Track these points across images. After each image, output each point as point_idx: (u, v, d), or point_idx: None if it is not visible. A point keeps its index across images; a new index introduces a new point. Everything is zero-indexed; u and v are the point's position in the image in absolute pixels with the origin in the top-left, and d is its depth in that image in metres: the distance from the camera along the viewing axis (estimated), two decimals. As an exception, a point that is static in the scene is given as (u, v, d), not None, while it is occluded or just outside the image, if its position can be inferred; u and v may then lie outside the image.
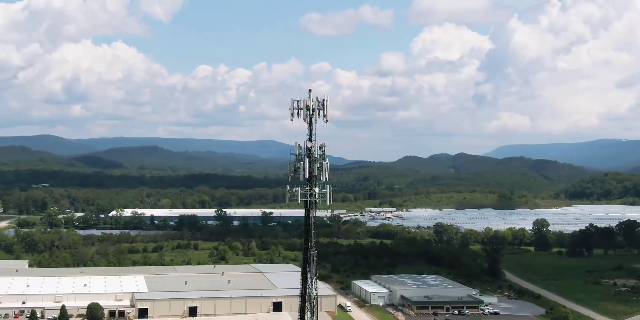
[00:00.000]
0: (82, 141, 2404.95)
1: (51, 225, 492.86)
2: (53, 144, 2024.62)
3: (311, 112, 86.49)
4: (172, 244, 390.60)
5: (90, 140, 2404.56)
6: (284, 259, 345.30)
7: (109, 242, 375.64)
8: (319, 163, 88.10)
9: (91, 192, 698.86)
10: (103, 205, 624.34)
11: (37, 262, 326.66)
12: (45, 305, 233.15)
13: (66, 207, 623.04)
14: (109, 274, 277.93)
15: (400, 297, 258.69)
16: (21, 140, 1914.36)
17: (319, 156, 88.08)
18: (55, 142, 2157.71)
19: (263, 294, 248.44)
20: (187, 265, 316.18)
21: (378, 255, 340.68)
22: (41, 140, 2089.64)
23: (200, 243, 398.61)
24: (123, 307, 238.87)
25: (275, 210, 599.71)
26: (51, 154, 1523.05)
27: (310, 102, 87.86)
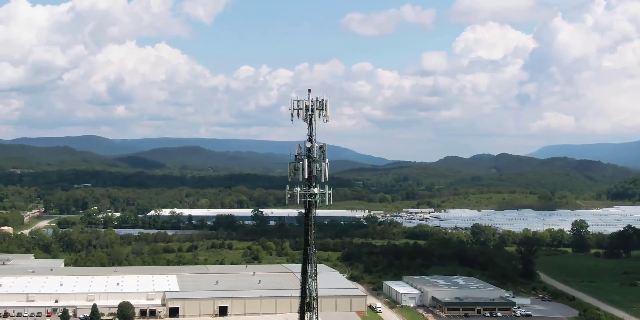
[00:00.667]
0: (125, 142, 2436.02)
1: (90, 224, 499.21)
2: (97, 145, 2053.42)
3: (310, 113, 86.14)
4: (206, 243, 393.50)
5: (134, 141, 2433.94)
6: (317, 259, 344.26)
7: (144, 242, 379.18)
8: (319, 163, 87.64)
9: (132, 192, 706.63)
10: (143, 205, 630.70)
11: (74, 261, 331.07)
12: (77, 304, 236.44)
13: (106, 206, 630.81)
14: (142, 273, 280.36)
15: (431, 299, 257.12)
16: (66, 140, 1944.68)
17: (318, 156, 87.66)
18: (100, 142, 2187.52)
19: (293, 294, 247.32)
20: (220, 265, 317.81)
21: (411, 256, 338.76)
22: (85, 140, 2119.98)
23: (234, 243, 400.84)
24: (154, 306, 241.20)
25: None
26: (95, 154, 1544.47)
27: (310, 103, 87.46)
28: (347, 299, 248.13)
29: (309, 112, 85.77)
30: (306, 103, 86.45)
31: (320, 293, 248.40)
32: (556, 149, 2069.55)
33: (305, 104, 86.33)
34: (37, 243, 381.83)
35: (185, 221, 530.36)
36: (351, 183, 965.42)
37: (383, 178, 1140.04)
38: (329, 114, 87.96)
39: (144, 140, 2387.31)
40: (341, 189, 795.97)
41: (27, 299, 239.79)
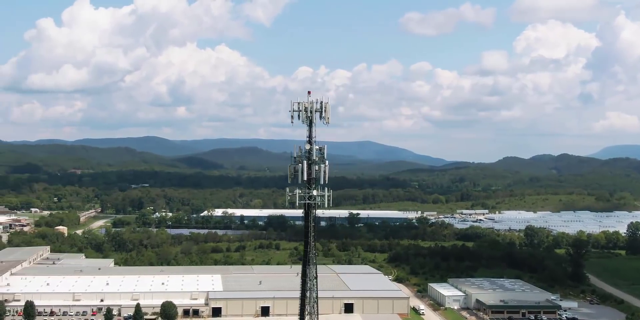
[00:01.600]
0: (185, 142, 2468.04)
1: (144, 224, 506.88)
2: (157, 145, 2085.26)
3: (309, 115, 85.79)
4: (255, 243, 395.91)
5: (194, 142, 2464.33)
6: (363, 260, 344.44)
7: (193, 242, 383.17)
8: (318, 165, 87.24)
9: (187, 192, 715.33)
10: (197, 205, 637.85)
11: (124, 261, 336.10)
12: (122, 303, 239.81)
13: (162, 207, 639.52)
14: (187, 273, 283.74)
15: (475, 301, 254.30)
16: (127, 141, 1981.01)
17: (317, 158, 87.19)
18: (160, 143, 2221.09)
19: (334, 295, 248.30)
20: (265, 265, 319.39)
21: (459, 258, 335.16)
22: (146, 141, 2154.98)
23: (282, 243, 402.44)
24: (197, 306, 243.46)
25: (363, 211, 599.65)
26: (155, 155, 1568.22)
27: (309, 105, 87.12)
28: (389, 301, 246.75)
29: (307, 114, 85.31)
30: (305, 105, 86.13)
31: (362, 295, 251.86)
32: (619, 150, 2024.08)
33: (305, 106, 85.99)
34: (90, 243, 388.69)
35: (237, 221, 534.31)
36: (406, 184, 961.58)
37: (439, 179, 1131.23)
38: (329, 116, 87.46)
39: (203, 141, 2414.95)
40: (394, 190, 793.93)
41: (73, 298, 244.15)
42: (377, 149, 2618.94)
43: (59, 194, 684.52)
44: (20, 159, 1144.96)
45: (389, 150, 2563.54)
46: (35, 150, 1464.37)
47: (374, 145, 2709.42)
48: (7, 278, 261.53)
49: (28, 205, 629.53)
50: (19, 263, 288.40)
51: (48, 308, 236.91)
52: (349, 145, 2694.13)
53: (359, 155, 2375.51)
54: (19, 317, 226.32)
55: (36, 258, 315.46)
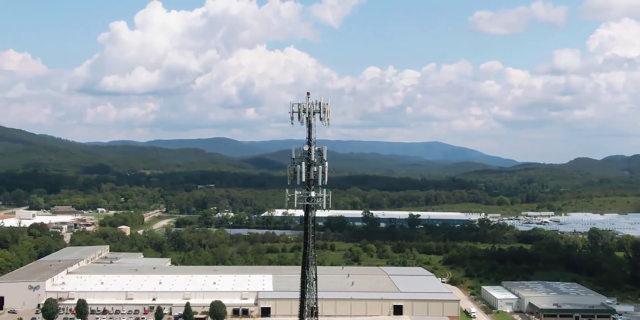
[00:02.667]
0: (254, 143, 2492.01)
1: (206, 224, 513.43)
2: (226, 146, 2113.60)
3: (307, 115, 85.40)
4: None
5: (262, 143, 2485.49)
6: (418, 262, 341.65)
7: (249, 242, 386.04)
8: (316, 167, 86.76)
9: (250, 192, 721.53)
10: (259, 205, 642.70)
11: (181, 260, 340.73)
12: (173, 302, 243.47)
13: (224, 207, 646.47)
14: (240, 272, 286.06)
15: (528, 305, 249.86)
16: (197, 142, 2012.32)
17: (316, 160, 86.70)
18: (229, 144, 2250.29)
19: (384, 297, 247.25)
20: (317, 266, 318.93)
21: (516, 261, 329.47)
22: (216, 142, 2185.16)
23: (338, 244, 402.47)
24: (247, 306, 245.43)
25: (424, 212, 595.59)
26: (223, 156, 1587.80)
27: (307, 106, 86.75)
28: (439, 304, 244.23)
29: (305, 115, 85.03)
30: (304, 106, 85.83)
31: (412, 297, 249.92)
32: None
33: (303, 107, 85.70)
34: (150, 242, 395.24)
35: (297, 222, 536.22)
36: (472, 185, 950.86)
37: (507, 180, 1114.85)
38: (329, 117, 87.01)
39: (271, 142, 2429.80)
40: (458, 191, 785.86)
41: (126, 297, 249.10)
42: (445, 150, 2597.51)
43: (126, 194, 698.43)
44: (91, 159, 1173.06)
45: (457, 151, 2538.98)
46: (107, 151, 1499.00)
47: (442, 146, 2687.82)
48: (63, 277, 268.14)
49: (95, 205, 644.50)
50: (76, 262, 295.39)
51: (101, 306, 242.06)
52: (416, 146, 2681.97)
53: (426, 156, 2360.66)
54: (72, 315, 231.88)
55: (94, 257, 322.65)
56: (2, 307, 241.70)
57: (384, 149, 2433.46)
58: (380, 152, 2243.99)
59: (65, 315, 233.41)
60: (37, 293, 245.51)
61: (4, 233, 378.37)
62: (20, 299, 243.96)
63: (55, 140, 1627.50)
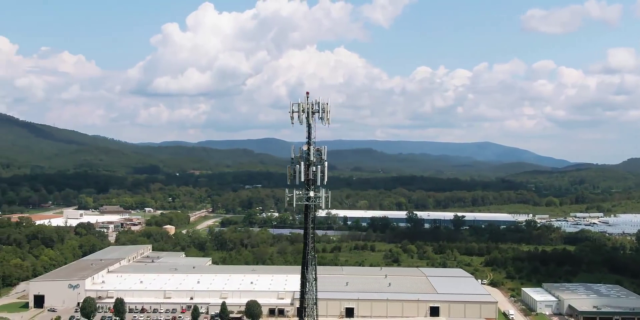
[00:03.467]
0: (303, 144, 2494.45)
1: (251, 224, 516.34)
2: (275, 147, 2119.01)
3: (306, 115, 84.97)
4: (350, 244, 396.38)
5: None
6: (459, 263, 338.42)
7: (289, 242, 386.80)
8: (315, 166, 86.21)
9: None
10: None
11: (222, 260, 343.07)
12: (210, 302, 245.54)
13: (270, 207, 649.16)
14: (278, 272, 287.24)
15: (568, 307, 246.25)
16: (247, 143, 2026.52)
17: (315, 160, 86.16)
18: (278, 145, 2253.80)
19: (420, 298, 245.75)
20: (355, 267, 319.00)
21: (559, 262, 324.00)
22: (265, 143, 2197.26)
23: (378, 245, 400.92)
24: (283, 306, 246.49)
25: (470, 213, 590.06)
26: (272, 156, 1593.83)
27: (306, 106, 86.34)
28: (477, 305, 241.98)
29: (304, 115, 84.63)
30: (303, 106, 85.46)
31: (449, 298, 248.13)
32: None
33: (303, 107, 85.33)
34: (193, 242, 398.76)
35: (340, 222, 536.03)
36: (522, 186, 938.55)
37: (558, 181, 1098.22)
38: (329, 117, 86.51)
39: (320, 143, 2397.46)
40: (505, 192, 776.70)
41: (164, 296, 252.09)
42: (497, 151, 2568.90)
43: (173, 194, 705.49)
44: (142, 160, 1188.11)
45: (509, 151, 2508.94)
46: (158, 152, 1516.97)
47: (493, 147, 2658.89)
48: (104, 276, 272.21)
49: (143, 205, 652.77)
50: (118, 261, 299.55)
51: (139, 305, 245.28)
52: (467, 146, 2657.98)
53: (477, 156, 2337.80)
54: (111, 313, 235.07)
55: (136, 256, 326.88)
56: (43, 305, 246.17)
57: (434, 149, 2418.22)
58: (430, 153, 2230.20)
59: (103, 314, 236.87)
60: (77, 292, 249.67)
61: (50, 232, 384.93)
62: (61, 297, 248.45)
63: (108, 141, 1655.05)
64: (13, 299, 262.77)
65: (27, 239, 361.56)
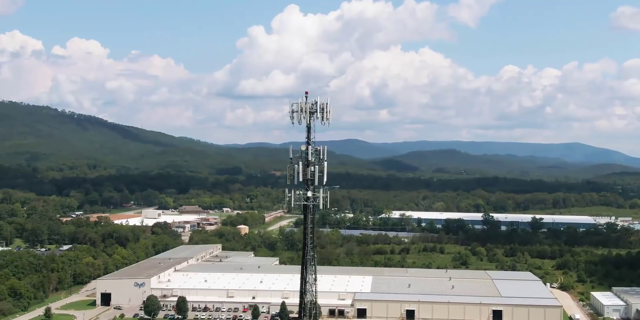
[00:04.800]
0: (386, 145, 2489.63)
1: (324, 225, 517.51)
2: (358, 148, 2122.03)
3: (304, 115, 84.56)
4: (419, 246, 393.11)
5: (394, 144, 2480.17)
6: (529, 266, 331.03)
7: (356, 243, 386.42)
8: (313, 167, 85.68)
9: (371, 194, 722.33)
10: (379, 207, 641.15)
11: (290, 260, 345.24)
12: (272, 301, 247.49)
13: (345, 208, 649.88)
14: (341, 273, 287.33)
15: (635, 311, 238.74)
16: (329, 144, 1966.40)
17: (313, 160, 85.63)
18: (360, 146, 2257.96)
19: (483, 301, 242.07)
20: (419, 269, 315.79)
21: (632, 266, 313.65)
22: (347, 144, 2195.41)
23: (448, 247, 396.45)
24: (343, 306, 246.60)
25: (550, 216, 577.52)
26: (353, 157, 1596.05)
27: (305, 106, 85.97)
28: (541, 309, 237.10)
29: (302, 115, 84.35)
30: (302, 106, 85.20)
31: (513, 302, 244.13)
32: None
33: (301, 107, 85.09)
34: (264, 241, 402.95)
35: (414, 224, 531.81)
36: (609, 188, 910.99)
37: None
38: (329, 117, 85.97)
39: (403, 144, 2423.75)
40: (587, 194, 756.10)
41: (227, 295, 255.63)
42: (587, 151, 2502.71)
43: (251, 195, 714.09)
44: (224, 161, 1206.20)
45: (599, 152, 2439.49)
46: (242, 153, 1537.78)
47: (583, 147, 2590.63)
48: (170, 274, 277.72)
49: (221, 205, 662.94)
50: (186, 260, 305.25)
51: (203, 303, 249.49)
52: (555, 147, 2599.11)
53: (566, 157, 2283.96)
54: (174, 311, 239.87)
55: (205, 255, 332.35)
56: (110, 303, 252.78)
57: (520, 150, 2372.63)
58: (517, 154, 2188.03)
59: (167, 312, 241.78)
60: (143, 290, 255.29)
61: (126, 232, 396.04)
62: (127, 295, 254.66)
63: (194, 142, 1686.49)
64: (82, 296, 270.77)
65: (102, 238, 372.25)
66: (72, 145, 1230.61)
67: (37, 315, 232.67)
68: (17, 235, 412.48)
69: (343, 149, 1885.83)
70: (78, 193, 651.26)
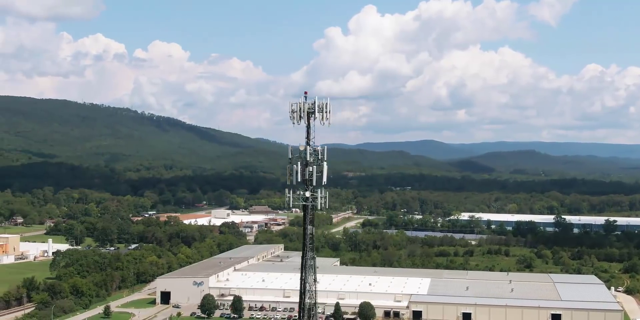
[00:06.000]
0: (463, 146, 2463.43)
1: (391, 226, 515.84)
2: (434, 149, 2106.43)
3: (302, 115, 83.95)
4: (484, 248, 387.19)
5: (472, 145, 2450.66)
6: (595, 269, 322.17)
7: (419, 244, 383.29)
8: (311, 167, 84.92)
9: (442, 195, 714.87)
10: (449, 208, 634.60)
11: (352, 261, 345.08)
12: (327, 302, 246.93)
13: (415, 209, 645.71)
14: (399, 275, 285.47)
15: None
16: (405, 145, 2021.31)
17: (312, 160, 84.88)
18: (436, 147, 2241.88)
19: (541, 305, 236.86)
20: (480, 271, 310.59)
21: None
22: (423, 145, 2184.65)
23: (514, 249, 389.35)
24: (398, 308, 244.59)
25: (626, 218, 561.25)
26: (428, 158, 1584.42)
27: (304, 106, 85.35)
28: (601, 313, 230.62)
29: (300, 115, 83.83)
30: (300, 106, 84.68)
31: (572, 305, 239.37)
32: None
33: (300, 106, 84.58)
34: (328, 242, 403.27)
35: (484, 226, 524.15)
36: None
37: None
38: (328, 117, 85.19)
39: (481, 145, 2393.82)
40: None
41: (284, 295, 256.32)
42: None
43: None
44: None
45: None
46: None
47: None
48: (229, 274, 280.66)
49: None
50: (246, 260, 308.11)
51: (259, 303, 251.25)
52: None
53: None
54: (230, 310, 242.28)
55: (266, 255, 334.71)
56: (169, 301, 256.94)
57: (602, 151, 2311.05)
58: (598, 155, 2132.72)
59: (223, 311, 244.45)
60: (201, 289, 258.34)
61: (193, 231, 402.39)
62: (186, 294, 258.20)
63: (270, 143, 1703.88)
64: (144, 295, 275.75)
65: (168, 238, 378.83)
66: (150, 146, 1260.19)
67: (97, 313, 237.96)
68: (88, 234, 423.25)
69: (419, 150, 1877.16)
70: (152, 193, 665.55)
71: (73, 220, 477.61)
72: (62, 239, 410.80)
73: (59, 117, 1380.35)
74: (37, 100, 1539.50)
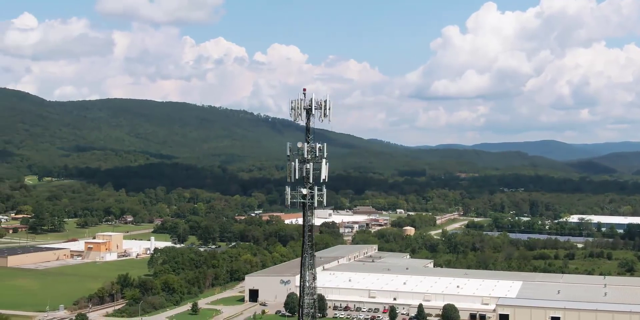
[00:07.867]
0: (586, 146, 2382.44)
1: (497, 228, 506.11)
2: (554, 150, 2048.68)
3: (300, 112, 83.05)
4: (586, 252, 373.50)
5: (594, 145, 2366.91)
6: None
7: (515, 247, 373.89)
8: (308, 164, 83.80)
9: (554, 197, 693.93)
10: (560, 210, 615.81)
11: (447, 263, 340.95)
12: (412, 303, 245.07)
13: (524, 210, 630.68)
14: (490, 277, 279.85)
15: None
16: (523, 146, 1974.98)
17: (310, 157, 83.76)
18: (557, 147, 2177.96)
19: (633, 310, 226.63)
20: (575, 275, 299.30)
21: None
22: (543, 145, 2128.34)
23: (617, 253, 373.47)
24: (485, 311, 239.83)
25: None
26: (546, 159, 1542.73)
27: (303, 103, 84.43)
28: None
29: (298, 112, 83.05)
30: (299, 103, 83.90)
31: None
32: None
33: (298, 103, 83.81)
34: (425, 243, 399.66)
35: (594, 228, 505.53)
36: None
37: None
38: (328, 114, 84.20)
39: (604, 145, 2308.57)
40: None
41: (369, 295, 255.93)
42: None
43: (427, 196, 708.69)
44: (409, 163, 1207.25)
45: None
46: (430, 155, 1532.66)
47: None
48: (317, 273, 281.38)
49: (394, 206, 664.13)
50: (336, 259, 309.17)
51: (345, 303, 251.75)
52: None
53: None
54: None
55: (358, 255, 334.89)
56: (257, 299, 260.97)
57: None
58: None
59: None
60: (288, 287, 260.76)
61: (291, 230, 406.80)
62: (273, 292, 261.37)
63: (383, 144, 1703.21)
64: (235, 292, 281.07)
65: (265, 236, 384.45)
66: (264, 148, 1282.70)
67: (186, 309, 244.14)
68: (192, 232, 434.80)
69: (539, 151, 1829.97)
70: (260, 193, 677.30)
71: (180, 219, 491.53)
72: (167, 237, 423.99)
73: (178, 120, 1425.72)
74: (158, 103, 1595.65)
